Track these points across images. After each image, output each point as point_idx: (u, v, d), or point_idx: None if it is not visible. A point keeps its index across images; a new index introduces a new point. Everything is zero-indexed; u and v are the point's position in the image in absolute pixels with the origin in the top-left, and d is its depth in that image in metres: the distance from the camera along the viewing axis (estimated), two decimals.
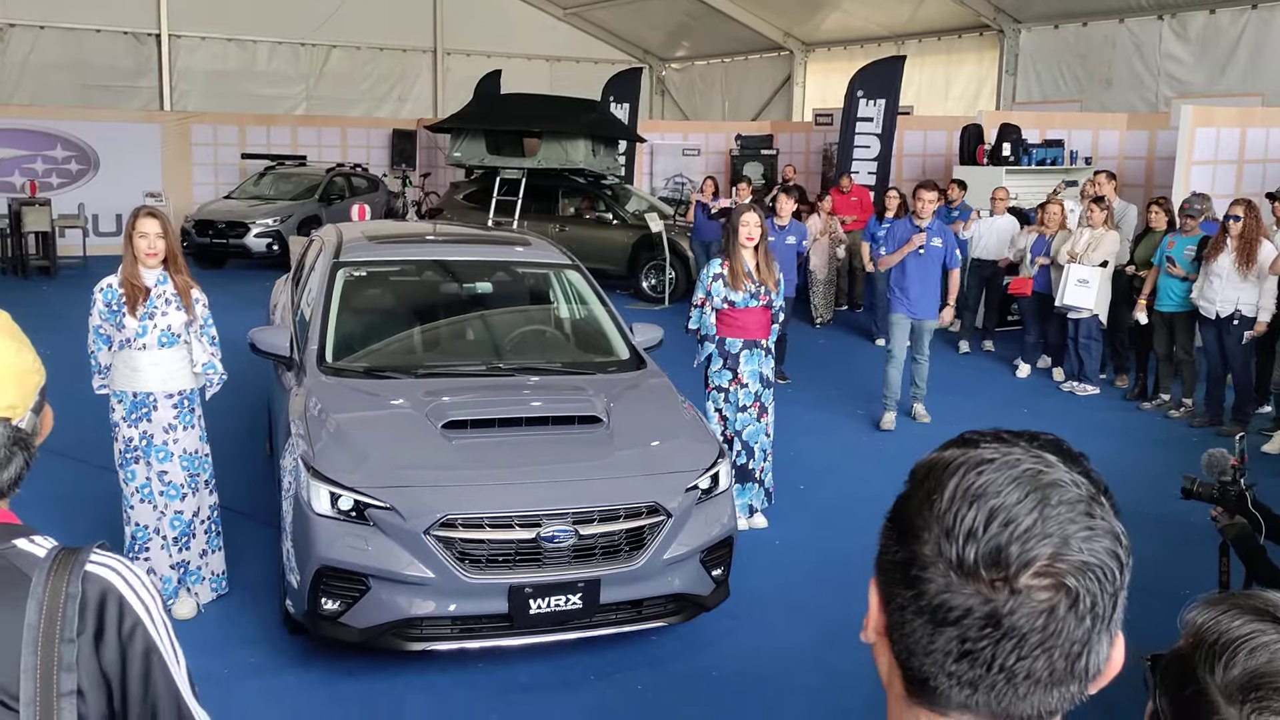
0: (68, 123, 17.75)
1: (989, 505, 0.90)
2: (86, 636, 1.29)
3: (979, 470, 0.93)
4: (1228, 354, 8.29)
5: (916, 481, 0.97)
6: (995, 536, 0.89)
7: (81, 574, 1.31)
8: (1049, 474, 0.93)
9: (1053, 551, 0.89)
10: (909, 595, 0.93)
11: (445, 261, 6.44)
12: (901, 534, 0.95)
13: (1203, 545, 5.79)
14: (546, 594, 4.29)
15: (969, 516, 0.90)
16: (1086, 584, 0.89)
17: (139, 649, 1.33)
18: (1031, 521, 0.89)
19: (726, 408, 6.27)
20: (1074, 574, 0.89)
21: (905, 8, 17.61)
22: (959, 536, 0.90)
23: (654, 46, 24.03)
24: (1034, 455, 0.95)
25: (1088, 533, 0.90)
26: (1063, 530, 0.90)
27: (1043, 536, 0.89)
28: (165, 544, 4.93)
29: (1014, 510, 0.90)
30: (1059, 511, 0.90)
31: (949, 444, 1.00)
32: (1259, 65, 13.26)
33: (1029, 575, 0.88)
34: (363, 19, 21.20)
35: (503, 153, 15.06)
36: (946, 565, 0.90)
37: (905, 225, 8.39)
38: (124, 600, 1.33)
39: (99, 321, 4.88)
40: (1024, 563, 0.88)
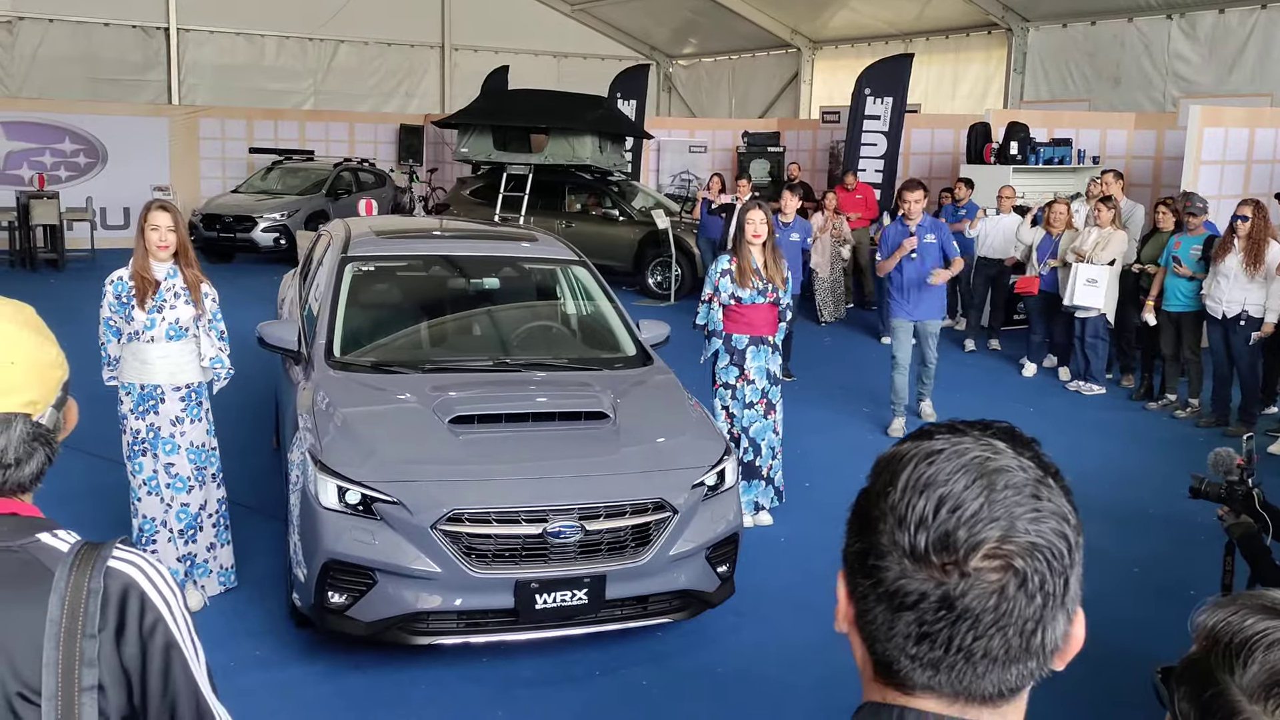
0: (76, 116, 17.80)
1: (937, 493, 0.95)
2: (108, 632, 1.30)
3: (929, 460, 0.97)
4: (1234, 354, 8.28)
5: (875, 474, 1.02)
6: (944, 523, 0.93)
7: (104, 569, 1.32)
8: (995, 460, 0.96)
9: (1000, 534, 0.92)
10: (869, 584, 0.98)
11: (452, 257, 6.45)
12: (861, 525, 1.01)
13: (1209, 545, 5.78)
14: (552, 589, 4.30)
15: (919, 505, 0.95)
16: (1034, 564, 0.93)
17: (159, 644, 1.33)
18: (978, 506, 0.93)
19: (733, 404, 6.28)
20: (1022, 555, 0.93)
21: (913, 6, 17.59)
22: (911, 525, 0.94)
23: (661, 43, 24.01)
24: (983, 444, 0.98)
25: (1034, 515, 0.94)
26: (1009, 513, 0.93)
27: (989, 520, 0.93)
28: (172, 536, 4.96)
29: (961, 497, 0.94)
30: (1005, 495, 0.94)
31: (908, 436, 1.04)
32: (1267, 65, 13.22)
33: (978, 558, 0.92)
34: (371, 14, 21.21)
35: (510, 148, 15.07)
36: (900, 553, 0.95)
37: (897, 228, 8.33)
38: (145, 596, 1.34)
39: (109, 314, 4.90)
40: (972, 546, 0.92)
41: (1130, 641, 4.62)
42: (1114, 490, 7.03)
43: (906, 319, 8.25)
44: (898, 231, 8.27)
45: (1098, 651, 0.93)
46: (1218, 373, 8.55)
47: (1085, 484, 7.10)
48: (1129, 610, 5.19)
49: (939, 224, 8.56)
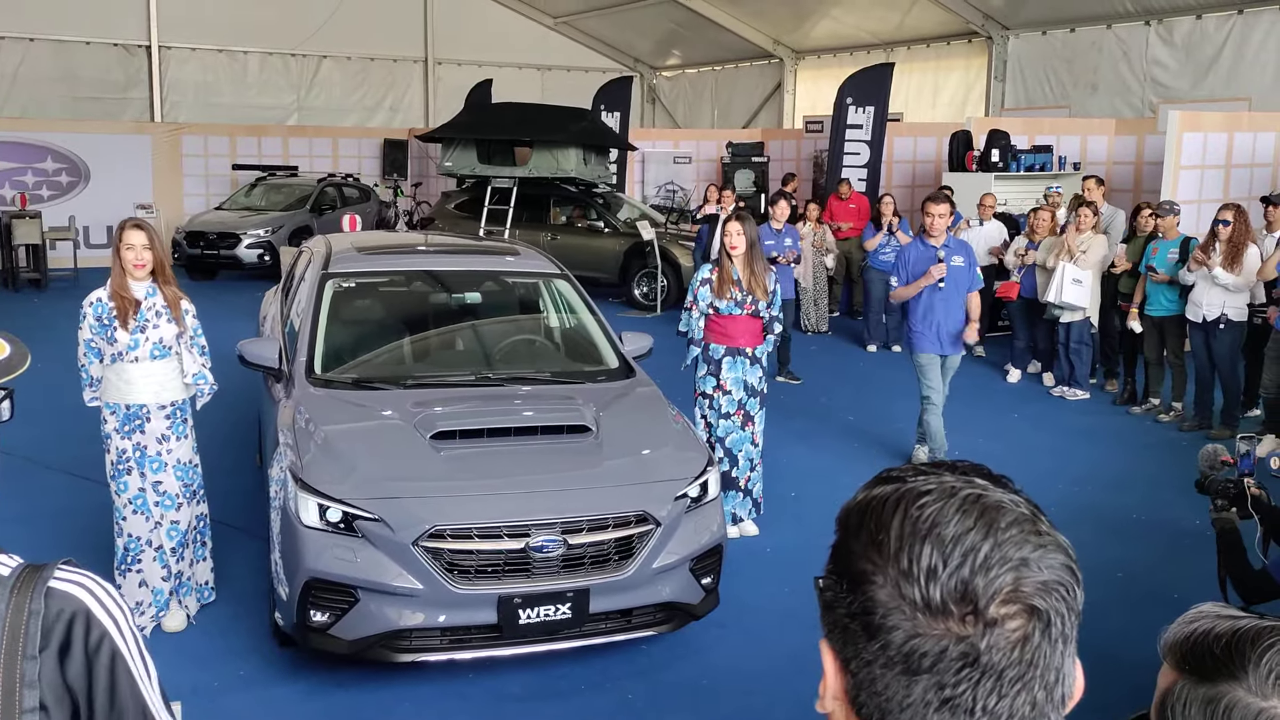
0: (58, 135, 17.75)
1: (942, 538, 0.86)
2: (50, 652, 1.30)
3: (920, 504, 0.89)
4: (1216, 358, 8.32)
5: (850, 527, 0.93)
6: (957, 570, 0.85)
7: (45, 590, 1.31)
8: (989, 496, 0.89)
9: (1015, 576, 0.85)
10: (875, 648, 0.87)
11: (433, 272, 6.45)
12: (851, 583, 0.89)
13: (1194, 550, 5.82)
14: (536, 604, 4.29)
15: (925, 553, 0.86)
16: (1053, 604, 0.86)
17: (104, 662, 1.33)
18: (989, 548, 0.85)
19: (711, 414, 6.28)
20: (1040, 595, 0.85)
21: (894, 15, 17.69)
22: (919, 576, 0.85)
23: (645, 55, 24.09)
24: (966, 480, 0.91)
25: (1041, 550, 0.87)
26: (1020, 552, 0.86)
27: (1003, 562, 0.85)
28: (159, 555, 4.93)
29: (968, 539, 0.86)
30: (1011, 534, 0.86)
31: (873, 483, 0.95)
32: (1242, 69, 13.34)
33: (997, 604, 0.84)
34: (354, 29, 21.22)
35: (494, 162, 15.09)
36: (911, 607, 0.85)
37: (918, 248, 7.27)
38: (90, 614, 1.33)
39: (89, 335, 4.86)
40: (991, 593, 0.84)
41: (1114, 648, 4.62)
42: (1098, 495, 7.05)
43: (934, 352, 7.27)
44: (920, 253, 7.22)
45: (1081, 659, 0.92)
46: (1200, 376, 8.60)
47: (1070, 489, 7.16)
48: (1113, 617, 5.20)
49: (965, 245, 7.56)
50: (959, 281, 7.15)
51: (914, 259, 7.22)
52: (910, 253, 7.30)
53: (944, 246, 7.13)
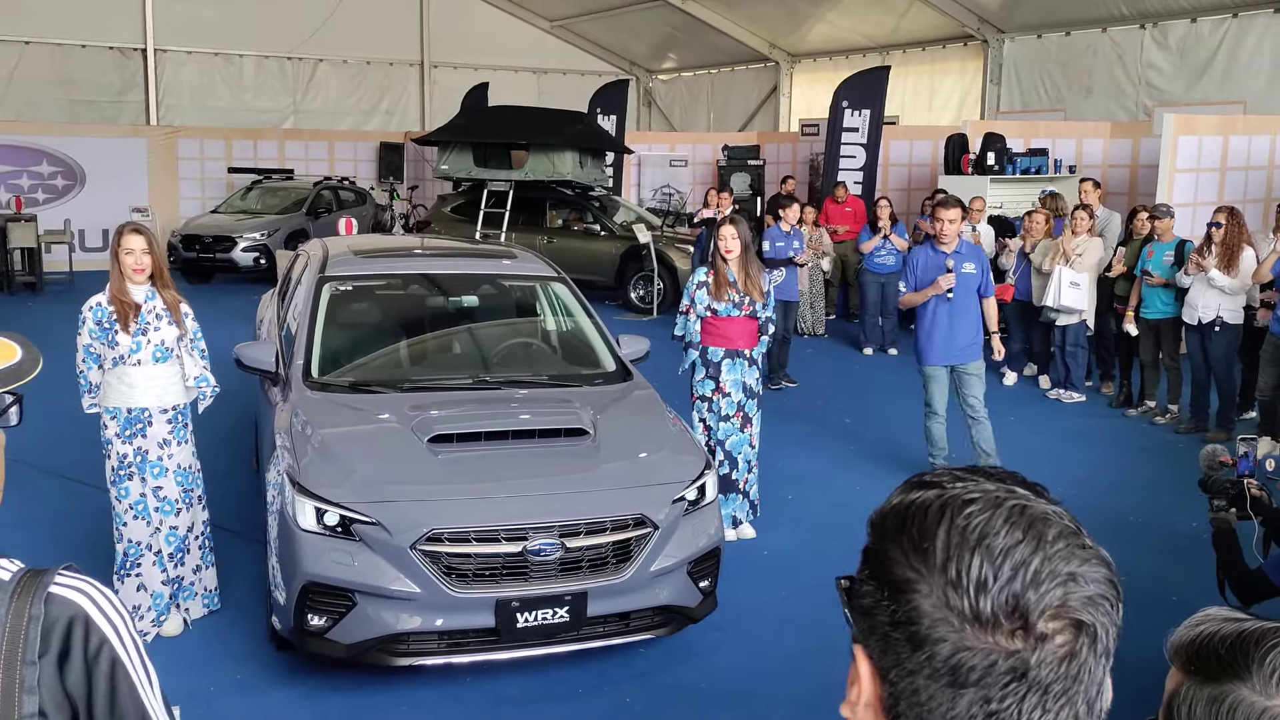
0: (54, 138, 17.72)
1: (991, 549, 0.85)
2: (50, 658, 1.29)
3: (967, 513, 0.87)
4: (1211, 360, 8.34)
5: (889, 531, 0.91)
6: (1009, 584, 0.84)
7: (45, 596, 1.31)
8: (1034, 506, 0.88)
9: (1064, 590, 0.85)
10: (920, 658, 0.85)
11: (430, 275, 6.45)
12: (892, 591, 0.88)
13: (1192, 552, 5.82)
14: (534, 607, 4.28)
15: (975, 564, 0.84)
16: (1099, 618, 0.86)
17: (104, 669, 1.33)
18: (1039, 562, 0.85)
19: (710, 417, 6.28)
20: (1087, 609, 0.85)
21: (890, 19, 17.71)
22: (969, 587, 0.84)
23: (640, 58, 24.10)
24: (1007, 489, 0.90)
25: (1087, 565, 0.86)
26: (1068, 566, 0.85)
27: (1052, 576, 0.84)
28: (159, 560, 4.92)
29: (1018, 552, 0.85)
30: (1058, 548, 0.86)
31: (911, 487, 0.94)
32: (1235, 73, 13.37)
33: (1047, 619, 0.84)
34: (350, 32, 21.21)
35: (490, 165, 15.08)
36: (960, 619, 0.84)
37: (927, 253, 7.02)
38: (90, 621, 1.33)
39: (89, 340, 4.84)
40: (1042, 607, 0.84)
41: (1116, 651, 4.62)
42: (1096, 497, 7.05)
43: (940, 364, 7.01)
44: (928, 259, 6.99)
45: None
46: (1196, 379, 8.61)
47: (1067, 491, 7.13)
48: None
49: (978, 250, 7.29)
50: (970, 289, 6.91)
51: (922, 265, 7.00)
52: (919, 258, 7.07)
53: (955, 253, 6.89)
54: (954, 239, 6.90)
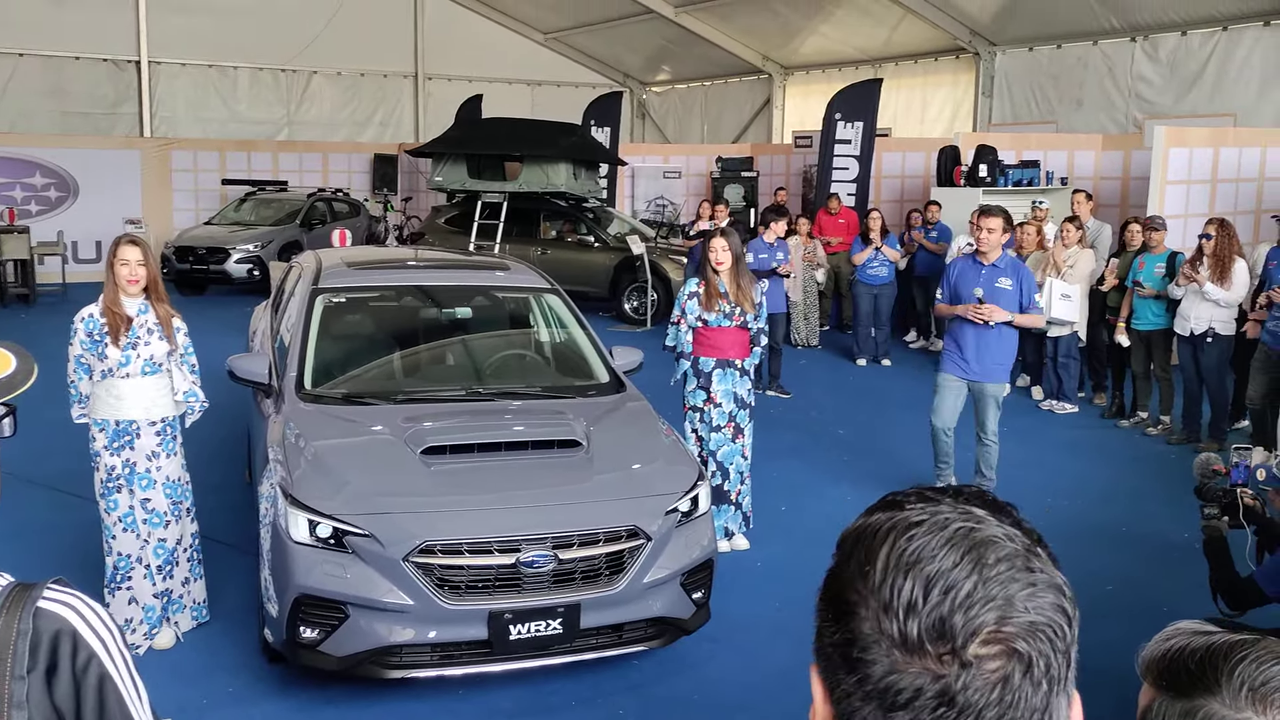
0: (47, 150, 17.72)
1: (925, 573, 0.85)
2: (38, 673, 1.29)
3: (909, 535, 0.87)
4: (1203, 371, 8.37)
5: (845, 553, 0.92)
6: (936, 607, 0.83)
7: (33, 610, 1.31)
8: (981, 530, 0.87)
9: (998, 616, 0.83)
10: (853, 681, 0.86)
11: (424, 287, 6.45)
12: (837, 613, 0.89)
13: (1183, 564, 5.83)
14: (526, 619, 4.28)
15: (906, 587, 0.84)
16: (1038, 646, 0.84)
17: (93, 683, 1.33)
18: (972, 586, 0.84)
19: (701, 428, 6.28)
20: (1024, 637, 0.84)
21: (882, 31, 17.79)
22: (898, 611, 0.84)
23: (634, 70, 24.17)
24: (962, 512, 0.89)
25: (1030, 590, 0.85)
26: (1005, 591, 0.84)
27: (985, 601, 0.83)
28: (149, 573, 4.90)
29: (952, 575, 0.84)
30: (998, 571, 0.85)
31: (874, 507, 0.95)
32: (1225, 85, 13.45)
33: (977, 644, 0.83)
34: (344, 44, 21.24)
35: (484, 177, 15.10)
36: (889, 643, 0.84)
37: (966, 263, 6.80)
38: (78, 635, 1.33)
39: (80, 351, 4.84)
40: (970, 632, 0.83)
41: (1103, 661, 4.62)
42: (1087, 508, 7.07)
43: (959, 376, 6.75)
44: (965, 268, 6.77)
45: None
46: (1188, 390, 8.64)
47: (1059, 502, 7.17)
48: (1101, 631, 5.20)
49: (1019, 264, 6.86)
50: (1005, 302, 6.57)
51: (958, 274, 6.78)
52: (956, 267, 6.86)
53: (993, 266, 6.61)
54: (996, 250, 6.61)
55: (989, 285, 6.58)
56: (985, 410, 6.80)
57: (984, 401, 6.79)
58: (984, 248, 6.65)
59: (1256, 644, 1.00)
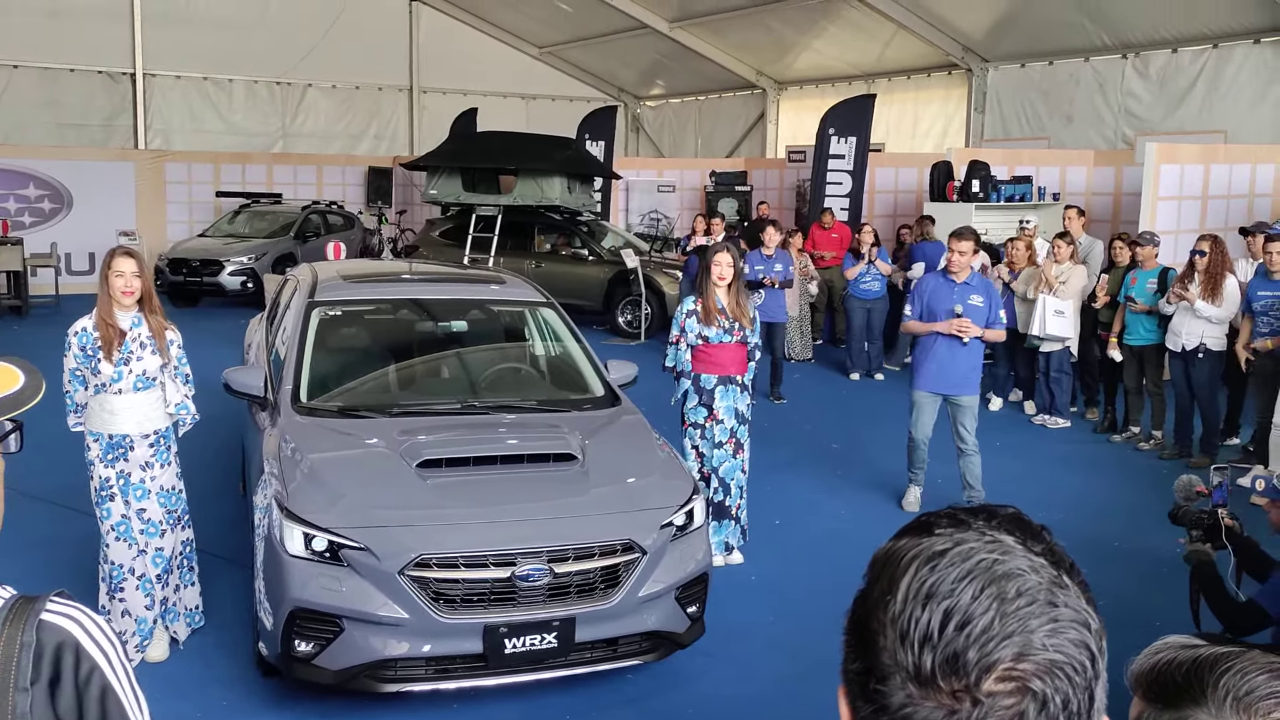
0: (41, 161, 17.72)
1: (943, 606, 0.84)
2: (41, 685, 1.30)
3: (932, 565, 0.87)
4: (1195, 387, 8.40)
5: (873, 577, 0.92)
6: (951, 641, 0.83)
7: (36, 623, 1.32)
8: (1005, 563, 0.86)
9: (1015, 653, 0.82)
10: (870, 710, 0.87)
11: (420, 300, 6.47)
12: (860, 640, 0.89)
13: (1173, 578, 5.85)
14: (521, 633, 4.28)
15: (923, 620, 0.84)
16: (1055, 684, 0.82)
17: (95, 695, 1.34)
18: (989, 621, 0.83)
19: (703, 444, 6.28)
20: (1041, 675, 0.82)
21: (875, 47, 17.89)
22: (914, 643, 0.84)
23: (629, 84, 24.26)
24: (989, 540, 0.88)
25: (1052, 626, 0.84)
26: (1024, 626, 0.83)
27: (1003, 637, 0.82)
28: (142, 583, 4.89)
29: (970, 610, 0.83)
30: (1018, 606, 0.84)
31: (905, 529, 0.94)
32: (1214, 102, 13.56)
33: (991, 681, 0.82)
34: (339, 57, 21.30)
35: (479, 190, 15.13)
36: (904, 676, 0.84)
37: (936, 280, 7.05)
38: (80, 647, 1.34)
39: (75, 364, 4.85)
40: (984, 668, 0.82)
41: None
42: (1079, 523, 7.09)
43: (930, 391, 7.03)
44: (936, 286, 7.01)
45: None
46: (1180, 405, 8.68)
47: (1051, 516, 7.14)
48: None
49: (988, 283, 7.18)
50: (975, 321, 6.84)
51: (930, 291, 7.01)
52: (928, 284, 7.08)
53: (964, 284, 6.90)
54: (965, 270, 6.90)
55: (962, 302, 6.87)
56: (963, 420, 7.05)
57: (960, 412, 7.04)
58: (955, 268, 6.90)
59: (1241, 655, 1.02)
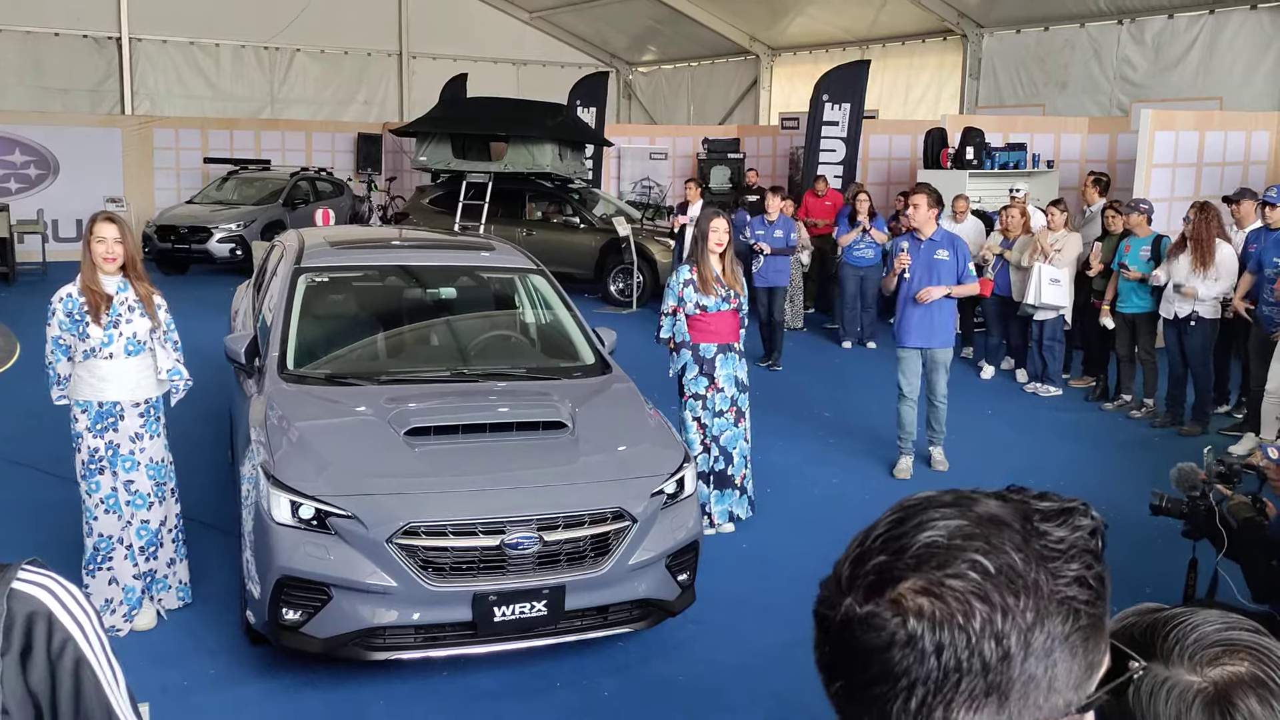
0: (26, 127, 17.51)
1: (887, 522, 0.84)
2: (12, 655, 1.27)
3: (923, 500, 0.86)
4: (1188, 355, 8.39)
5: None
6: (871, 552, 0.83)
7: (8, 592, 1.28)
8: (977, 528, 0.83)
9: (922, 585, 0.79)
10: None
11: (408, 267, 6.41)
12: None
13: (1165, 546, 5.86)
14: (511, 601, 4.26)
15: (867, 532, 0.85)
16: (937, 631, 0.78)
17: (68, 666, 1.30)
18: (909, 545, 0.81)
19: (704, 414, 6.24)
20: (927, 615, 0.79)
21: (869, 13, 17.73)
22: (850, 549, 0.85)
23: (620, 50, 24.04)
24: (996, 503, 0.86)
25: (976, 557, 0.80)
26: (947, 564, 0.80)
27: (914, 567, 0.80)
28: (130, 554, 4.86)
29: (904, 535, 0.82)
30: (952, 551, 0.81)
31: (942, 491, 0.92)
32: (1211, 69, 13.46)
33: (886, 600, 0.80)
34: (328, 22, 21.05)
35: (469, 157, 15.01)
36: (833, 571, 0.87)
37: (907, 240, 7.27)
38: (53, 617, 1.31)
39: (58, 332, 4.77)
40: (886, 580, 0.80)
41: None
42: (1070, 490, 6.91)
43: (911, 346, 7.22)
44: (908, 246, 7.26)
45: None
46: (1172, 373, 8.67)
47: (1043, 484, 7.12)
48: None
49: (956, 239, 7.38)
50: (939, 274, 7.05)
51: (897, 250, 7.28)
52: (899, 244, 7.34)
53: (929, 241, 7.10)
54: (929, 224, 7.08)
55: (928, 258, 7.09)
56: (936, 375, 7.28)
57: (934, 367, 7.26)
58: (915, 223, 7.14)
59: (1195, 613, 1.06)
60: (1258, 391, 7.82)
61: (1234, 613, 1.07)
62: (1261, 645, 1.02)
